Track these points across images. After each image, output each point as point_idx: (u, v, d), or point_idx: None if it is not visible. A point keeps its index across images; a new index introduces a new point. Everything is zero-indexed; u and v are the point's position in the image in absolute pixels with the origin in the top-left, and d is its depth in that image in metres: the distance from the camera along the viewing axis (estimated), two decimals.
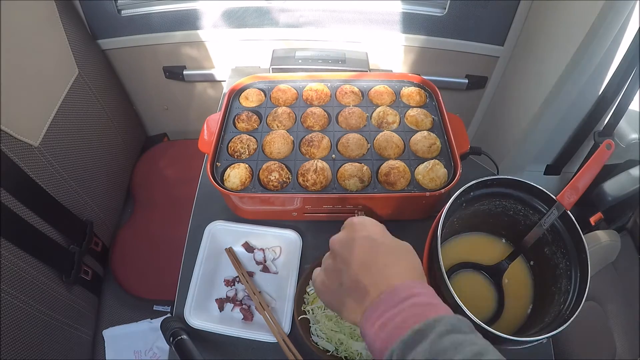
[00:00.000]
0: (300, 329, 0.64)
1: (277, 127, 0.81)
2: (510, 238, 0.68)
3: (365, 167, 0.72)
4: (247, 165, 0.74)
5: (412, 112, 0.82)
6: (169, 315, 0.78)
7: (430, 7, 1.09)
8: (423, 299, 0.36)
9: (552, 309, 0.56)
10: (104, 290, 1.15)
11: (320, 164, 0.72)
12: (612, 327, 0.88)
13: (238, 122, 0.82)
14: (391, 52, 1.19)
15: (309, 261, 0.74)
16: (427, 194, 0.69)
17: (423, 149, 0.75)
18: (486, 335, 0.50)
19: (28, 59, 0.90)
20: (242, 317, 0.70)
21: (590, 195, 1.00)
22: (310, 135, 0.78)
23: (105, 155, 1.17)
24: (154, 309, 1.14)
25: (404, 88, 0.88)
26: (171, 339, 0.62)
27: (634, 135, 1.08)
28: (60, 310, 0.91)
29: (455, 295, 0.48)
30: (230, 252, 0.76)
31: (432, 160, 0.72)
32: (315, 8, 1.10)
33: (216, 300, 0.72)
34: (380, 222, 0.44)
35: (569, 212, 0.56)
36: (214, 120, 0.82)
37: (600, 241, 0.98)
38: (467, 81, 1.23)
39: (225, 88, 1.15)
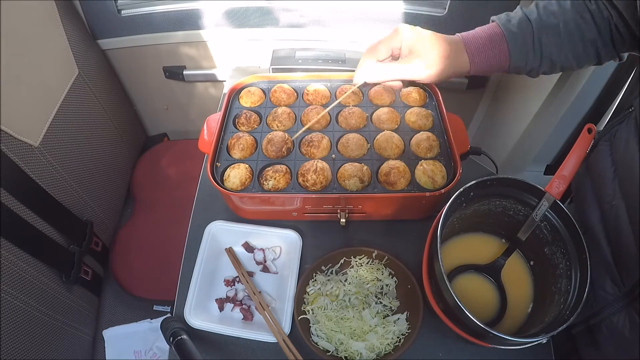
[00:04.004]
0: (300, 329, 0.64)
1: (277, 127, 0.81)
2: (510, 238, 0.68)
3: (365, 167, 0.72)
4: (247, 165, 0.74)
5: (412, 112, 0.82)
6: (169, 315, 0.79)
7: (430, 7, 1.09)
8: None
9: (552, 309, 0.56)
10: (104, 290, 1.15)
11: (320, 164, 0.72)
12: None
13: (238, 122, 0.82)
14: None
15: (309, 261, 0.74)
16: (427, 194, 0.68)
17: (423, 149, 0.75)
18: (487, 335, 0.50)
19: (28, 59, 0.90)
20: (242, 317, 0.70)
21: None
22: (310, 135, 0.78)
23: (105, 155, 1.17)
24: (154, 309, 1.15)
25: (404, 88, 0.88)
26: (171, 339, 0.62)
27: None
28: (60, 310, 0.91)
29: (456, 297, 0.48)
30: (230, 252, 0.76)
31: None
32: (315, 8, 1.10)
33: (216, 300, 0.72)
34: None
35: (568, 212, 0.56)
36: (214, 120, 0.82)
37: None
38: (467, 81, 1.23)
39: (226, 88, 1.15)
